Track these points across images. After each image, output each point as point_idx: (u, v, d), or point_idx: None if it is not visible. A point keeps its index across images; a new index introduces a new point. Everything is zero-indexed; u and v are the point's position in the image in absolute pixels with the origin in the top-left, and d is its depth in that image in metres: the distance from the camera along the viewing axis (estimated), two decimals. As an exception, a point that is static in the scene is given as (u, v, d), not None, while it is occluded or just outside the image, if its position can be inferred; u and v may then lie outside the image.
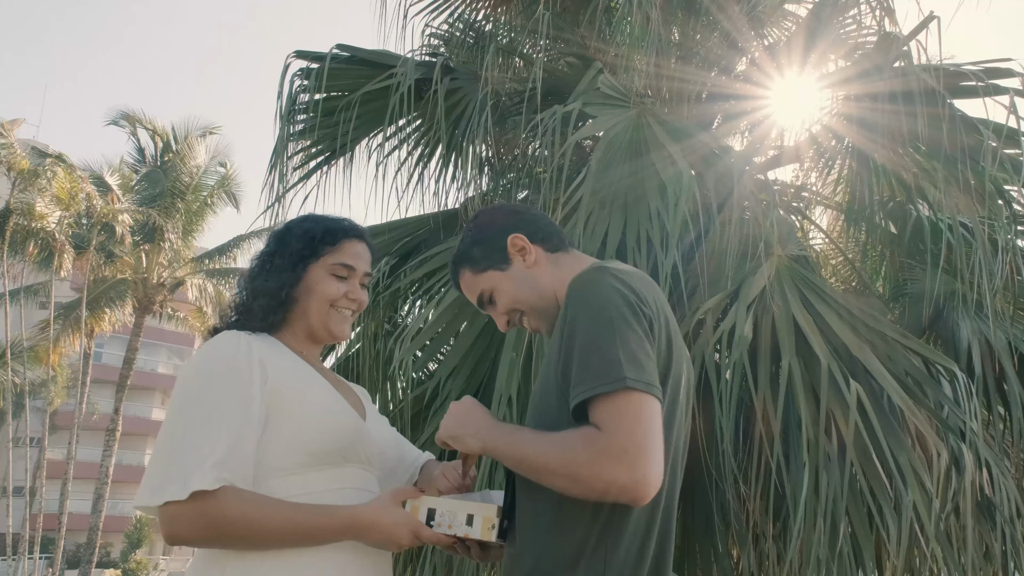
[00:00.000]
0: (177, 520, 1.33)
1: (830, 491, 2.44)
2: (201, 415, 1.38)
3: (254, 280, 1.62)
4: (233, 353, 1.45)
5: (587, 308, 1.30)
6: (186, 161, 21.36)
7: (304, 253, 1.61)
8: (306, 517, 1.38)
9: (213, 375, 1.43)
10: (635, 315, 1.29)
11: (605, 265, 1.38)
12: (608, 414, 1.21)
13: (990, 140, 3.11)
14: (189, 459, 1.34)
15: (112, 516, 32.12)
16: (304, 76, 4.32)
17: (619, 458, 1.18)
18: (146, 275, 20.93)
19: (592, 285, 1.33)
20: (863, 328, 3.00)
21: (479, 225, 1.63)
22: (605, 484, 1.19)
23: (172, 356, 39.79)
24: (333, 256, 1.63)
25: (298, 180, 4.49)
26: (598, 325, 1.27)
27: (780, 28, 5.49)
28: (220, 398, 1.40)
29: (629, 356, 1.23)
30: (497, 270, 1.58)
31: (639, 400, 1.21)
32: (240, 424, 1.39)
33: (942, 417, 2.69)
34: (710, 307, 2.86)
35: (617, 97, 3.63)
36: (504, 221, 1.60)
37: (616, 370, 1.22)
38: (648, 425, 1.20)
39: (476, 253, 1.61)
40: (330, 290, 1.61)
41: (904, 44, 3.34)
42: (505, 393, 3.16)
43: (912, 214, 4.14)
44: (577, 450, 1.21)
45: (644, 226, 3.09)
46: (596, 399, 1.23)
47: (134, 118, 21.49)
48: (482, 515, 1.39)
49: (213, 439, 1.35)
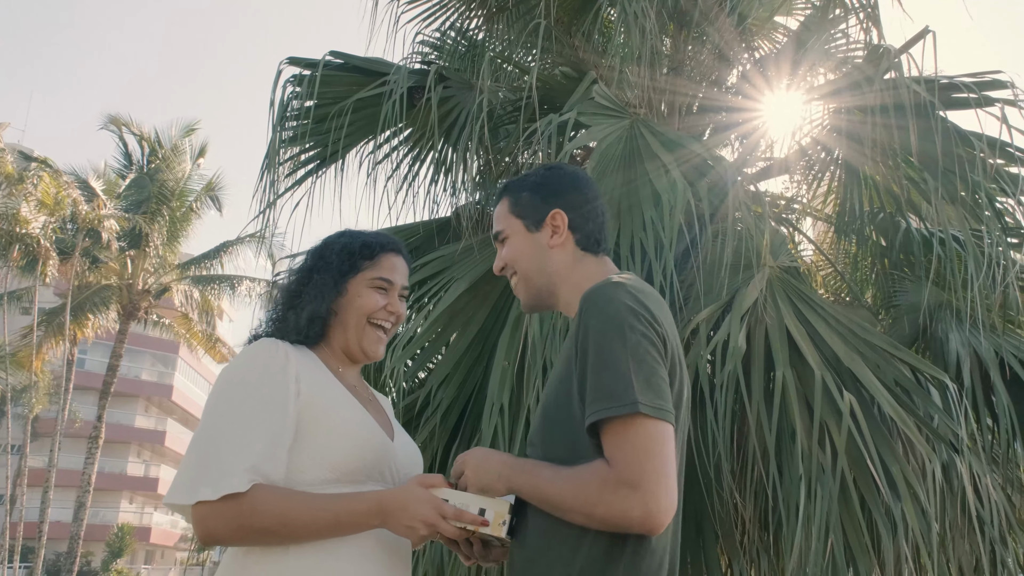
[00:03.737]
0: (209, 519, 1.36)
1: (824, 502, 2.44)
2: (237, 418, 1.42)
3: (294, 297, 1.65)
4: (271, 360, 1.49)
5: (601, 324, 1.30)
6: (172, 166, 21.24)
7: (343, 268, 1.64)
8: (336, 504, 1.41)
9: (251, 379, 1.47)
10: (649, 336, 1.29)
11: (622, 281, 1.38)
12: (617, 444, 1.21)
13: (981, 153, 3.14)
14: (223, 462, 1.38)
15: (93, 525, 31.78)
16: (296, 83, 4.31)
17: (630, 493, 1.19)
18: (131, 281, 20.78)
19: (608, 302, 1.32)
20: (854, 339, 3.01)
21: (548, 179, 1.62)
22: (619, 518, 1.20)
23: (156, 363, 39.47)
24: (372, 271, 1.66)
25: (290, 187, 4.48)
26: (612, 343, 1.27)
27: (770, 40, 5.53)
28: (257, 402, 1.44)
29: (642, 378, 1.24)
30: (525, 226, 1.59)
31: (650, 428, 1.21)
32: (275, 429, 1.42)
33: (933, 427, 2.70)
34: (704, 317, 2.86)
35: (611, 107, 3.64)
36: (564, 192, 1.60)
37: (628, 393, 1.22)
38: (658, 453, 1.20)
39: (524, 198, 1.61)
40: (370, 303, 1.63)
41: (896, 56, 3.37)
42: (497, 402, 3.15)
43: (901, 226, 4.17)
44: (590, 488, 1.22)
45: (638, 235, 3.10)
46: (607, 422, 1.23)
47: (121, 122, 21.36)
48: (495, 510, 1.39)
49: (248, 443, 1.39)
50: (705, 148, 3.47)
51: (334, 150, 4.25)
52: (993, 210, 3.20)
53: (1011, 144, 3.16)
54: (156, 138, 21.49)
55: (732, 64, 4.94)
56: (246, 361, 1.50)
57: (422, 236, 4.42)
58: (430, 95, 3.93)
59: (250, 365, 1.49)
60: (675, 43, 4.91)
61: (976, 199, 3.19)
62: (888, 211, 4.06)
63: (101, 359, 34.74)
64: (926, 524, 2.47)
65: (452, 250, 3.93)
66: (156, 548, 40.55)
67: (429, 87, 3.93)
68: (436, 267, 3.87)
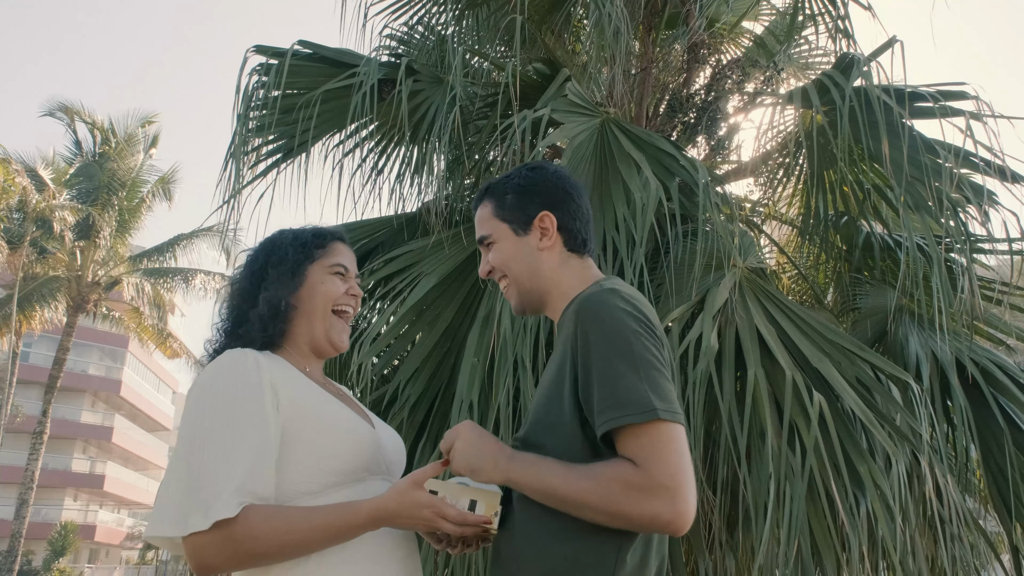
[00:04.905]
0: (204, 549, 1.30)
1: (794, 502, 2.47)
2: (217, 439, 1.35)
3: (251, 295, 1.60)
4: (244, 373, 1.41)
5: (605, 334, 1.29)
6: (125, 156, 20.75)
7: (299, 258, 1.61)
8: (332, 520, 1.35)
9: (225, 396, 1.39)
10: (652, 342, 1.30)
11: (616, 288, 1.38)
12: (643, 448, 1.22)
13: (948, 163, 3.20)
14: (209, 487, 1.30)
15: (36, 523, 30.94)
16: (263, 72, 4.22)
17: (660, 494, 1.19)
18: (80, 273, 20.24)
19: (607, 309, 1.32)
20: (821, 340, 3.05)
21: (532, 179, 1.58)
22: (649, 520, 1.20)
23: (104, 357, 38.55)
24: (328, 257, 1.64)
25: (253, 178, 4.39)
26: (619, 353, 1.27)
27: (737, 45, 5.60)
28: (235, 419, 1.36)
29: (654, 385, 1.24)
30: (512, 229, 1.56)
31: (671, 431, 1.22)
32: (258, 445, 1.36)
33: (898, 427, 2.75)
34: (676, 316, 2.87)
35: (583, 105, 3.64)
36: (550, 192, 1.56)
37: (645, 400, 1.22)
38: (680, 456, 1.22)
39: (509, 200, 1.57)
40: (333, 289, 1.61)
41: (865, 64, 3.42)
42: (466, 399, 3.12)
43: (863, 230, 4.24)
44: (616, 488, 1.21)
45: (610, 233, 3.10)
46: (625, 429, 1.23)
47: (72, 110, 20.79)
48: (486, 502, 1.37)
49: (232, 464, 1.32)
50: (675, 148, 3.49)
51: (302, 141, 4.17)
52: (956, 218, 3.27)
53: (975, 154, 3.23)
54: (110, 127, 20.97)
55: (700, 67, 4.98)
56: (217, 376, 1.42)
57: (389, 231, 4.37)
58: (400, 88, 3.88)
59: (223, 379, 1.41)
60: (643, 45, 4.93)
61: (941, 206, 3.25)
62: (852, 215, 4.13)
63: (47, 352, 33.83)
64: (892, 522, 2.51)
65: (420, 245, 3.89)
66: (101, 547, 39.63)
67: (400, 80, 3.88)
68: (404, 262, 3.82)
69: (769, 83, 4.72)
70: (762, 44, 5.33)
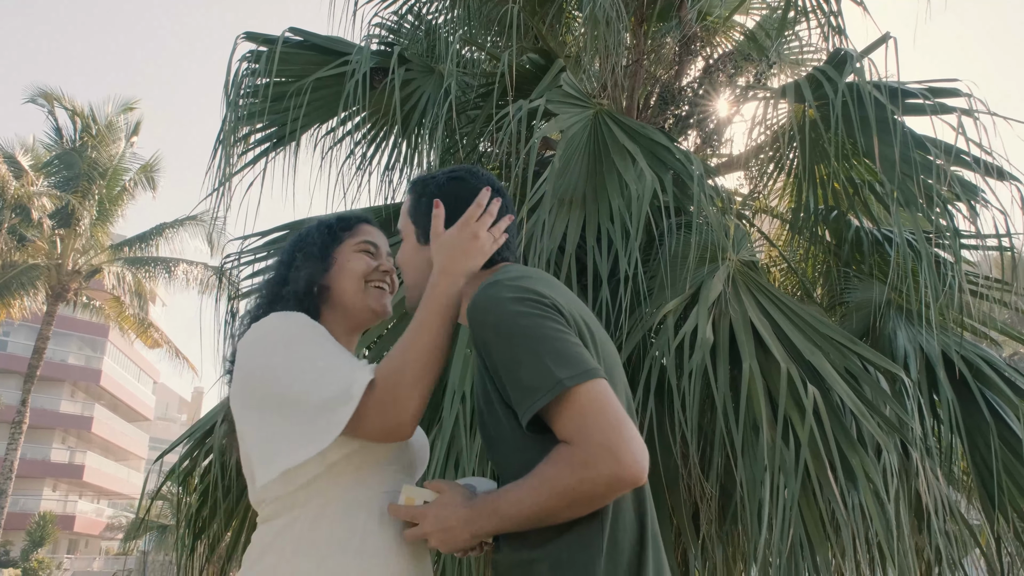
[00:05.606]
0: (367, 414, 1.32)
1: (788, 495, 2.48)
2: (314, 353, 1.36)
3: (283, 280, 1.61)
4: (302, 317, 1.45)
5: (491, 326, 1.27)
6: (106, 143, 20.49)
7: (326, 241, 1.62)
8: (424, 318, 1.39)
9: (300, 331, 1.41)
10: (539, 312, 1.26)
11: (495, 279, 1.34)
12: (567, 423, 1.19)
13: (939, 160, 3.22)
14: (333, 385, 1.31)
15: (14, 513, 30.67)
16: (253, 59, 4.18)
17: (603, 458, 1.15)
18: (60, 261, 20.00)
19: (489, 304, 1.28)
20: (813, 333, 3.07)
21: (447, 189, 1.54)
22: (606, 487, 1.16)
23: (84, 346, 38.18)
24: (354, 237, 1.64)
25: (242, 167, 4.35)
26: (510, 341, 1.24)
27: (728, 39, 5.61)
28: (314, 339, 1.40)
29: (555, 356, 1.21)
30: (416, 235, 1.55)
31: (586, 393, 1.19)
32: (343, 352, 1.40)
33: (889, 420, 2.77)
34: (671, 308, 2.88)
35: (577, 96, 3.63)
36: (462, 207, 1.51)
37: (547, 377, 1.20)
38: (603, 412, 1.18)
39: (423, 203, 1.55)
40: (360, 265, 1.61)
41: (858, 60, 3.43)
42: (459, 390, 3.11)
43: (852, 225, 4.27)
44: (563, 476, 1.17)
45: (604, 224, 3.09)
46: (546, 411, 1.21)
47: (53, 96, 20.49)
48: (418, 495, 1.36)
49: (336, 363, 1.35)
50: (668, 139, 3.49)
51: (292, 129, 4.14)
52: (946, 214, 3.30)
53: (965, 151, 3.25)
54: (91, 114, 20.69)
55: (692, 60, 4.98)
56: (279, 324, 1.42)
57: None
58: (392, 77, 3.85)
59: (289, 323, 1.42)
60: (635, 36, 4.93)
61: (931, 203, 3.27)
62: (842, 210, 4.15)
63: (26, 341, 33.48)
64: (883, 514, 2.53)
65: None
66: (80, 537, 39.32)
67: (392, 68, 3.86)
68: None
69: (761, 77, 4.73)
70: (753, 39, 5.34)
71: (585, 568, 1.21)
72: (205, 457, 3.96)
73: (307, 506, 1.36)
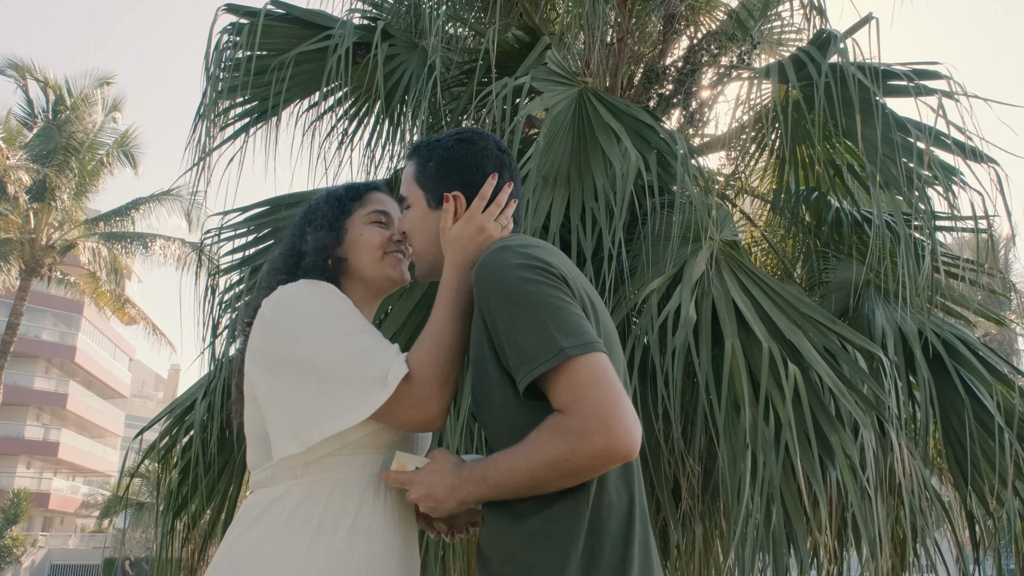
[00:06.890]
0: (402, 405, 1.34)
1: (766, 472, 2.52)
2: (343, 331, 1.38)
3: (296, 251, 1.60)
4: (327, 287, 1.46)
5: (498, 290, 1.27)
6: (82, 116, 20.14)
7: (335, 212, 1.60)
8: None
9: (328, 298, 1.43)
10: (547, 281, 1.27)
11: (505, 244, 1.35)
12: (564, 391, 1.19)
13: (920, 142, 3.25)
14: (369, 367, 1.33)
15: (-12, 490, 30.40)
16: (235, 32, 4.12)
17: (597, 430, 1.15)
18: (34, 235, 19.70)
19: (498, 268, 1.29)
20: (793, 312, 3.10)
21: (454, 153, 1.51)
22: (598, 460, 1.17)
23: (58, 323, 37.72)
24: (364, 207, 1.63)
25: (223, 141, 4.30)
26: (517, 305, 1.24)
27: (712, 19, 5.60)
28: (343, 312, 1.42)
29: (559, 324, 1.21)
30: (426, 200, 1.52)
31: (587, 364, 1.19)
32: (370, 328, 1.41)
33: (867, 398, 2.81)
34: (654, 287, 2.90)
35: (562, 74, 3.62)
36: (470, 170, 1.50)
37: (551, 344, 1.20)
38: (603, 380, 1.19)
39: (430, 168, 1.52)
40: (375, 237, 1.59)
41: (842, 41, 3.45)
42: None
43: (832, 205, 4.31)
44: (555, 445, 1.17)
45: (589, 203, 3.10)
46: (546, 379, 1.21)
47: (24, 68, 20.08)
48: (410, 461, 1.37)
49: (371, 340, 1.38)
50: (653, 118, 3.50)
51: (274, 104, 4.09)
52: (924, 196, 3.33)
53: (945, 133, 3.29)
54: (66, 87, 20.30)
55: (676, 39, 4.97)
56: (310, 292, 1.43)
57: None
58: (376, 52, 3.82)
59: (320, 292, 1.43)
60: (620, 14, 4.91)
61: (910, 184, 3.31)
62: (822, 191, 4.19)
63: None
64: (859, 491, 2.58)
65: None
66: (55, 514, 39.09)
67: (376, 43, 3.81)
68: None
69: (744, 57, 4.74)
70: (737, 19, 5.34)
71: (565, 541, 1.21)
72: (185, 434, 3.95)
73: (304, 479, 1.36)
